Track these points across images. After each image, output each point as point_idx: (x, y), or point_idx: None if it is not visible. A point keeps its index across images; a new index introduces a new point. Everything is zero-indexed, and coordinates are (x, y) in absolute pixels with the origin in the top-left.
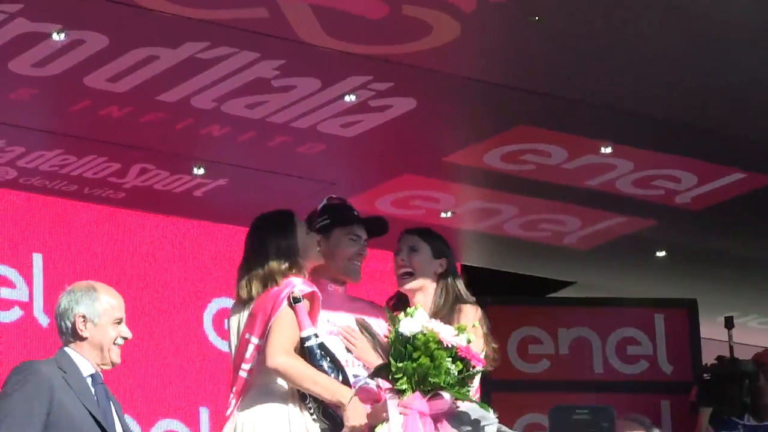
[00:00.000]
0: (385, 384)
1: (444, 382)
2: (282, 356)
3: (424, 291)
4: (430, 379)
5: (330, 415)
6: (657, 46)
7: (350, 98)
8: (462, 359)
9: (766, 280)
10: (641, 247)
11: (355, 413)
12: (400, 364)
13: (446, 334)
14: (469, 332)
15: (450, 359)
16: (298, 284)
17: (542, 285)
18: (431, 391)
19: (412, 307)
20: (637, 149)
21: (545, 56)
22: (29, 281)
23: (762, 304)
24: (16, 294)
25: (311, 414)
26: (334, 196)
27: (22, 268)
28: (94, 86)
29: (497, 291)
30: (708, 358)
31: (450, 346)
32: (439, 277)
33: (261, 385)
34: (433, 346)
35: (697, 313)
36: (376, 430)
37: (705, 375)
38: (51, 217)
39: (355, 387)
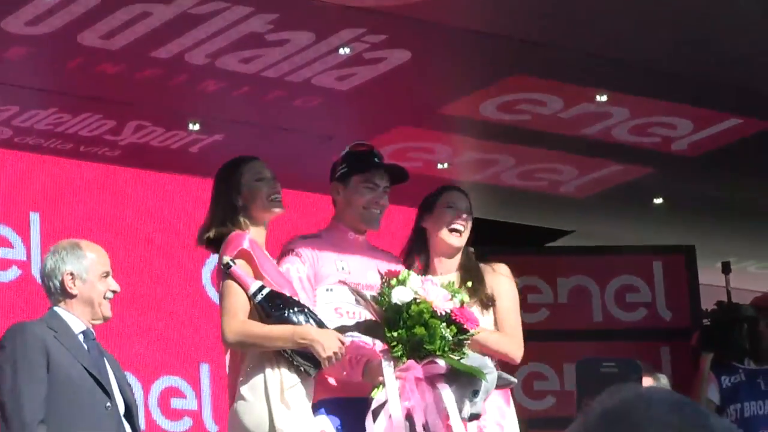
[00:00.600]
0: (379, 344)
1: (439, 349)
2: (229, 334)
3: (459, 251)
4: (425, 346)
5: (306, 355)
6: None
7: (344, 51)
8: (456, 323)
9: (763, 225)
10: (638, 195)
11: (323, 342)
12: (395, 333)
13: (439, 299)
14: (462, 293)
15: (444, 324)
16: (231, 247)
17: (540, 234)
18: (426, 358)
19: (405, 272)
20: (633, 97)
21: (539, 5)
22: (26, 241)
23: (760, 249)
24: (14, 253)
25: (293, 362)
26: (358, 142)
27: (19, 228)
28: (87, 44)
29: (495, 241)
30: (707, 304)
31: (443, 313)
32: None
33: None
34: (426, 316)
35: (695, 260)
36: (372, 394)
37: (705, 321)
38: (47, 176)
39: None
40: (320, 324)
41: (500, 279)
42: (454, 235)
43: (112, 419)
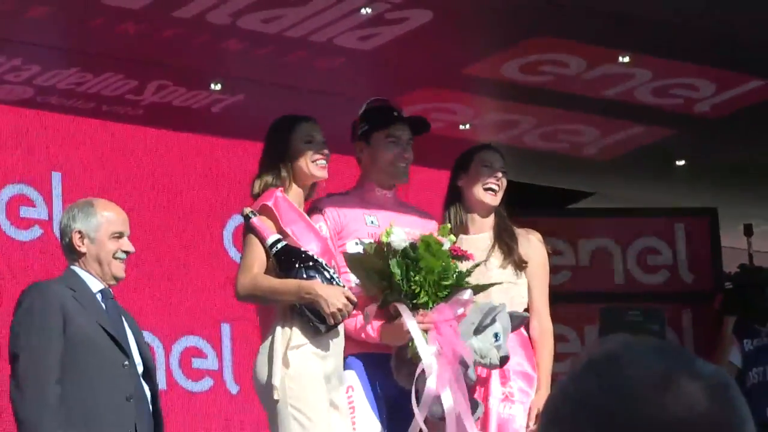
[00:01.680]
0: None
1: (458, 280)
2: (240, 288)
3: (493, 210)
4: (443, 282)
5: (317, 311)
6: None
7: (366, 11)
8: (458, 256)
9: None
10: (661, 157)
11: (328, 298)
12: (417, 278)
13: (433, 233)
14: (448, 235)
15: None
16: (257, 202)
17: (562, 196)
18: (449, 296)
19: (389, 227)
20: (655, 58)
21: None
22: (48, 200)
23: None
24: (36, 213)
25: (308, 320)
26: (375, 98)
27: (41, 187)
28: (109, 3)
29: (517, 203)
30: (729, 266)
31: (445, 242)
32: None
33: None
34: (435, 246)
35: (718, 222)
36: (408, 351)
37: (727, 284)
38: (69, 135)
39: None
40: (332, 282)
41: (534, 245)
42: (489, 194)
43: (129, 377)
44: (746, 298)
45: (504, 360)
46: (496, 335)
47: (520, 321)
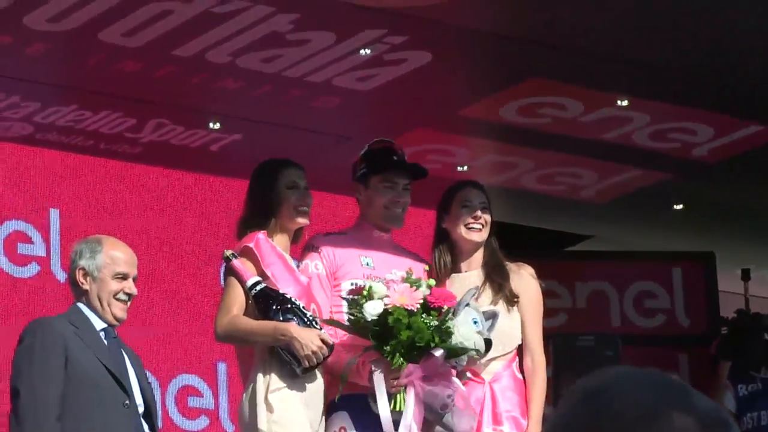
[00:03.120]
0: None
1: (432, 339)
2: (218, 328)
3: (482, 245)
4: (417, 344)
5: (293, 353)
6: None
7: (365, 52)
8: (435, 308)
9: None
10: (658, 200)
11: (302, 340)
12: (387, 348)
13: (407, 295)
14: (423, 280)
15: (423, 314)
16: (239, 243)
17: (560, 239)
18: (423, 352)
19: (365, 286)
20: (654, 102)
21: (561, 9)
22: (46, 237)
23: None
24: (34, 249)
25: (286, 360)
26: (376, 140)
27: (39, 224)
28: (108, 41)
29: (514, 245)
30: (726, 311)
31: (417, 307)
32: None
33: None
34: (405, 320)
35: (715, 266)
36: (394, 407)
37: (723, 328)
38: (68, 172)
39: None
40: (310, 324)
41: (525, 280)
42: (474, 232)
43: (130, 417)
44: (742, 344)
45: (489, 344)
46: (474, 321)
47: (491, 315)
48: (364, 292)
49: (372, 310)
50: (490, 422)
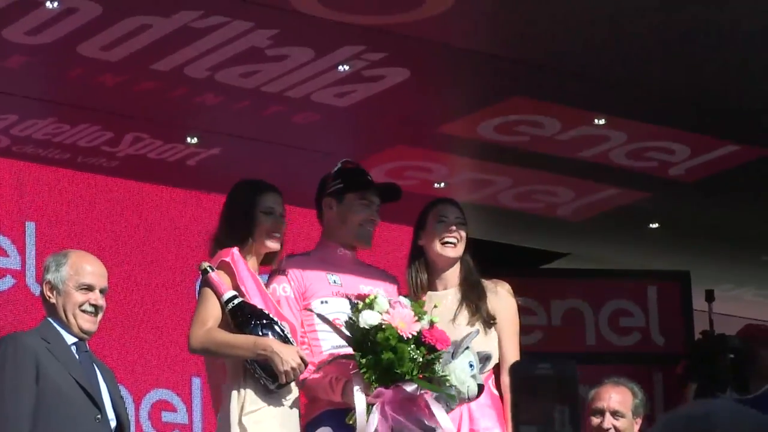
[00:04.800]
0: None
1: (409, 371)
2: (194, 340)
3: (457, 260)
4: (395, 370)
5: (268, 369)
6: (651, 18)
7: (344, 68)
8: (426, 344)
9: (759, 252)
10: (634, 219)
11: (283, 356)
12: (363, 360)
13: (406, 322)
14: (432, 314)
15: (413, 346)
16: (216, 257)
17: (536, 256)
18: (395, 381)
19: (372, 295)
20: (631, 121)
21: (539, 27)
22: (21, 250)
23: (756, 276)
24: (9, 262)
25: (258, 378)
26: (348, 160)
27: (14, 237)
28: (87, 54)
29: (491, 262)
30: (701, 330)
31: (409, 337)
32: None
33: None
34: (393, 342)
35: (690, 286)
36: (347, 419)
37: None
38: (44, 185)
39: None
40: (286, 340)
41: (502, 298)
42: (449, 248)
43: (102, 431)
44: (707, 366)
45: (480, 389)
46: (470, 365)
47: (485, 359)
48: (367, 300)
49: (368, 318)
50: None
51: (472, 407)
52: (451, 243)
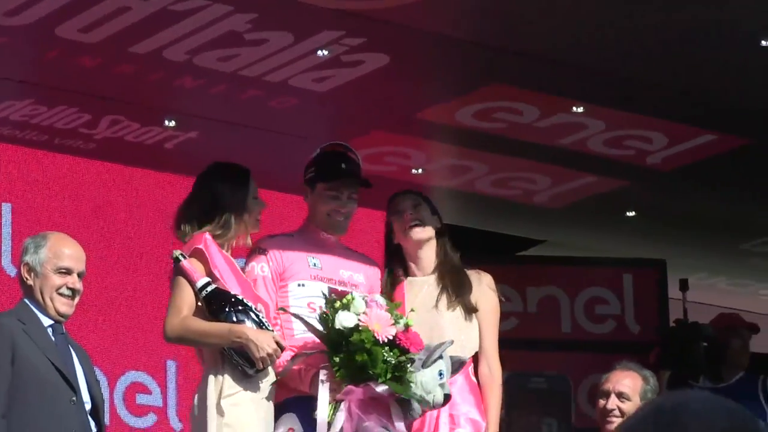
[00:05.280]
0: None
1: (382, 373)
2: (169, 329)
3: (430, 244)
4: (368, 371)
5: (244, 354)
6: (630, 6)
7: (323, 53)
8: (400, 347)
9: (734, 241)
10: (611, 207)
11: (258, 342)
12: (337, 359)
13: (383, 324)
14: (408, 318)
15: (387, 348)
16: (188, 244)
17: (512, 243)
18: (368, 380)
19: (349, 295)
20: (609, 109)
21: (519, 14)
22: None
23: (732, 265)
24: None
25: (235, 363)
26: (331, 143)
27: None
28: (65, 36)
29: (467, 249)
30: (675, 317)
31: (385, 340)
32: (438, 235)
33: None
34: (368, 345)
35: (666, 274)
36: (328, 417)
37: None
38: (21, 167)
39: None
40: (262, 326)
41: (485, 290)
42: (415, 229)
43: (76, 413)
44: (681, 353)
45: (447, 398)
46: (440, 373)
47: (459, 365)
48: (344, 300)
49: (344, 320)
50: (447, 424)
51: (452, 391)
52: (414, 225)
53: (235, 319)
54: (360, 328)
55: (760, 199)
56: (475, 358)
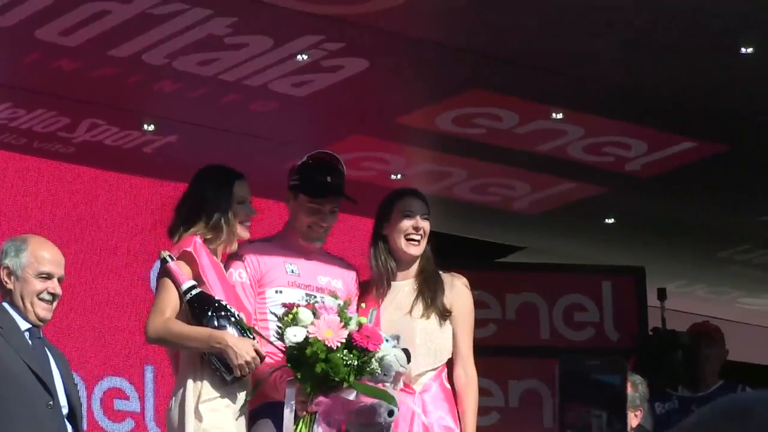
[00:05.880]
0: None
1: (347, 377)
2: (150, 330)
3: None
4: (331, 378)
5: (225, 360)
6: (610, 12)
7: (302, 57)
8: (357, 347)
9: (714, 248)
10: (591, 214)
11: (237, 350)
12: (299, 375)
13: (333, 329)
14: (359, 317)
15: (345, 351)
16: (177, 246)
17: (491, 249)
18: (333, 389)
19: (294, 309)
20: (588, 115)
21: (499, 20)
22: None
23: (711, 273)
24: None
25: (215, 369)
26: (318, 152)
27: None
28: (45, 39)
29: (446, 255)
30: (653, 326)
31: (338, 346)
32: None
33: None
34: (322, 355)
35: (645, 281)
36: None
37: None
38: None
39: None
40: (244, 333)
41: (459, 291)
42: (412, 245)
43: (53, 418)
44: (658, 362)
45: (407, 353)
46: (386, 340)
47: (394, 336)
48: (290, 315)
49: (292, 336)
50: (421, 431)
51: (425, 399)
52: (415, 241)
53: (216, 324)
54: (309, 340)
55: (739, 206)
56: (450, 364)
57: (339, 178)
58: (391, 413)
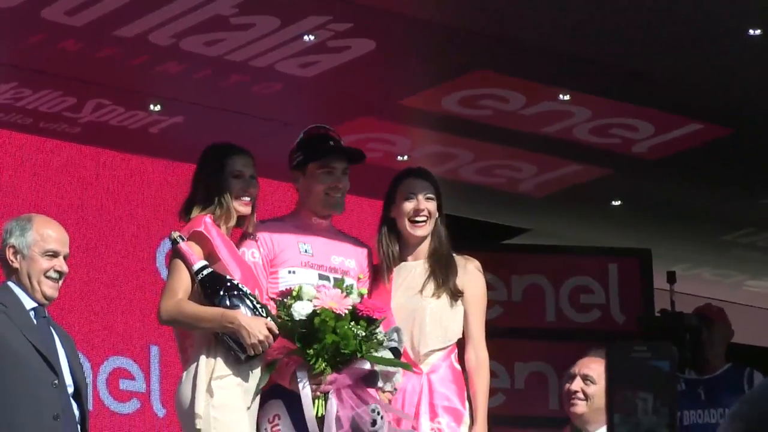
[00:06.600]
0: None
1: (358, 348)
2: (162, 311)
3: (427, 238)
4: (342, 351)
5: (238, 339)
6: None
7: (309, 38)
8: (363, 317)
9: (719, 231)
10: (597, 196)
11: (250, 329)
12: (310, 351)
13: (337, 300)
14: (359, 288)
15: (352, 322)
16: (188, 226)
17: (497, 231)
18: (347, 363)
19: (296, 286)
20: (595, 97)
21: (506, 1)
22: None
23: (715, 256)
24: None
25: (228, 347)
26: (312, 126)
27: None
28: (51, 19)
29: (452, 237)
30: (661, 307)
31: (345, 312)
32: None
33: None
34: (332, 323)
35: (651, 264)
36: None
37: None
38: (4, 150)
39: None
40: (257, 312)
41: (471, 274)
42: (418, 227)
43: (58, 396)
44: None
45: (395, 352)
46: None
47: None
48: (294, 293)
49: (301, 309)
50: (427, 413)
51: (433, 380)
52: (420, 222)
53: (229, 303)
54: (317, 311)
55: (745, 190)
56: (461, 346)
57: (340, 140)
58: (374, 423)
